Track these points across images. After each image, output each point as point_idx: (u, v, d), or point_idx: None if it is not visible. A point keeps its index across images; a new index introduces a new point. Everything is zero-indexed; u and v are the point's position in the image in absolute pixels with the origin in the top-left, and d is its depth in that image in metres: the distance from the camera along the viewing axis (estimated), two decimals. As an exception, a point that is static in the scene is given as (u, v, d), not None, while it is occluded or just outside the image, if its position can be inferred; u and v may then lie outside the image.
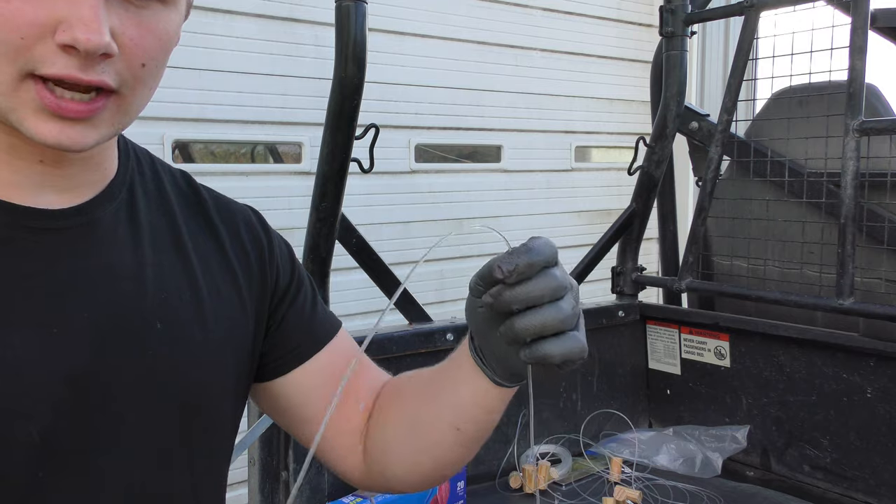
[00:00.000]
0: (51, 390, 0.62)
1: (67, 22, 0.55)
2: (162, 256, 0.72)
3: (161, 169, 0.79)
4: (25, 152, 0.62)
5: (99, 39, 0.55)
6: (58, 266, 0.64)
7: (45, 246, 0.64)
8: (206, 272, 0.75)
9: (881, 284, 1.60)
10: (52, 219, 0.64)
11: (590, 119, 3.62)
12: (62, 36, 0.55)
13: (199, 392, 0.73)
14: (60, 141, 0.58)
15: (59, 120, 0.58)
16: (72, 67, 0.56)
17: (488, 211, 3.27)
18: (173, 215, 0.75)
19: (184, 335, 0.71)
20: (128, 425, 0.67)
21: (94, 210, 0.68)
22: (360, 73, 1.44)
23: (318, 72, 2.60)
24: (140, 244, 0.70)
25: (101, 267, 0.67)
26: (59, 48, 0.55)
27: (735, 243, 1.90)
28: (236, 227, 0.80)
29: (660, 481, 1.66)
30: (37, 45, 0.55)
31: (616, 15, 3.65)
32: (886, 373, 1.54)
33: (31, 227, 0.63)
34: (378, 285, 1.67)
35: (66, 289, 0.64)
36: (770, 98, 1.89)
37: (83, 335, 0.64)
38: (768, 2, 1.68)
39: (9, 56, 0.55)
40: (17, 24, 0.54)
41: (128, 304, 0.68)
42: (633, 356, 2.00)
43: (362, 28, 1.42)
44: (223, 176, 2.50)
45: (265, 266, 0.82)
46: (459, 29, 3.10)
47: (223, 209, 0.81)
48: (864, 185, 1.54)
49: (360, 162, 1.53)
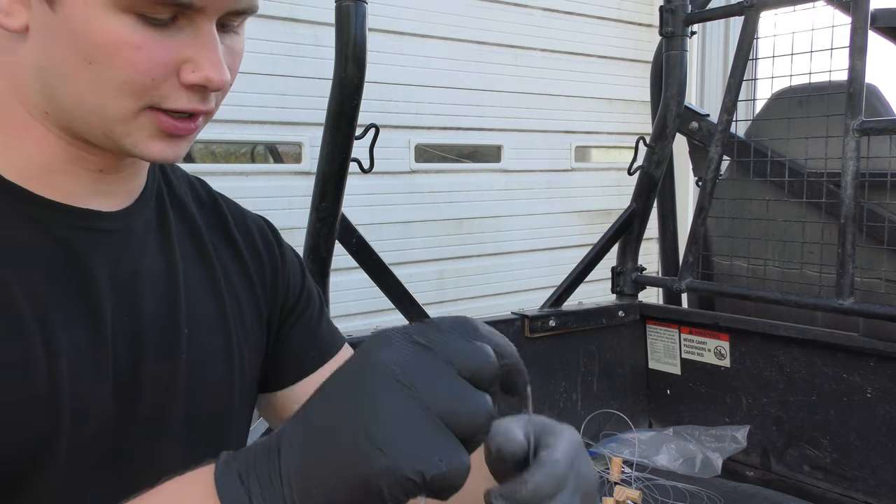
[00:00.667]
0: (103, 392, 0.65)
1: (195, 62, 0.60)
2: (188, 264, 0.74)
3: (181, 176, 0.81)
4: (89, 163, 0.66)
5: (225, 78, 0.61)
6: (108, 268, 0.67)
7: (98, 248, 0.67)
8: (227, 280, 0.78)
9: (881, 284, 1.60)
10: (105, 220, 0.68)
11: (590, 119, 3.62)
12: (192, 77, 0.60)
13: (221, 397, 0.75)
14: (167, 156, 0.64)
15: (168, 139, 0.63)
16: (194, 101, 0.62)
17: (488, 211, 3.28)
18: (195, 223, 0.78)
19: (209, 341, 0.74)
20: (160, 429, 0.69)
21: (131, 216, 0.70)
22: (360, 73, 1.44)
23: (318, 72, 2.60)
24: (170, 251, 0.73)
25: (137, 272, 0.69)
26: (184, 86, 0.60)
27: (735, 243, 1.90)
28: (252, 237, 0.83)
29: (660, 481, 1.66)
30: (163, 84, 0.60)
31: (616, 15, 3.66)
32: (886, 373, 1.54)
33: (85, 227, 0.66)
34: (378, 285, 1.66)
35: (112, 291, 0.67)
36: (770, 98, 1.89)
37: (125, 338, 0.67)
38: (768, 2, 1.68)
39: (136, 94, 0.60)
40: (149, 68, 0.59)
41: (161, 310, 0.70)
42: (633, 356, 2.00)
43: (362, 28, 1.42)
44: (223, 176, 2.50)
45: (278, 277, 0.84)
46: (459, 29, 3.10)
47: (240, 219, 0.83)
48: (864, 185, 1.54)
49: (360, 162, 1.53)
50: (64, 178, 0.65)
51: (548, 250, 3.49)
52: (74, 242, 0.65)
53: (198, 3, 0.58)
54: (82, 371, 0.63)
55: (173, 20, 0.59)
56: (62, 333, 0.62)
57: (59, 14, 0.58)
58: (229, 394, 0.76)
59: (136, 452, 0.67)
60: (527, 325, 1.79)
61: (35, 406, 0.60)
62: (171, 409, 0.70)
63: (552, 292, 1.93)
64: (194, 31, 0.60)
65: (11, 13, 0.59)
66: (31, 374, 0.60)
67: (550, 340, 1.83)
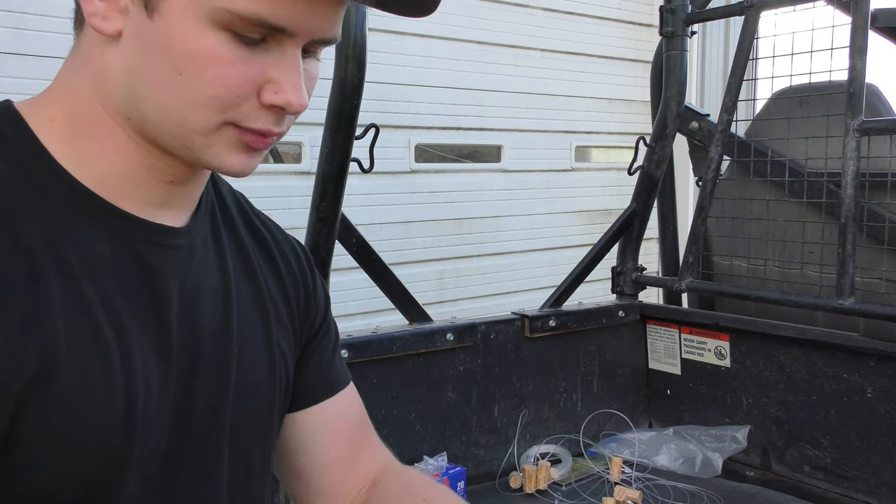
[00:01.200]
0: (165, 409, 0.66)
1: (278, 84, 0.61)
2: (238, 281, 0.75)
3: (227, 192, 0.82)
4: (161, 173, 0.66)
5: (304, 102, 0.63)
6: (176, 286, 0.68)
7: (169, 263, 0.68)
8: (271, 299, 0.79)
9: (881, 284, 1.60)
10: (173, 236, 0.68)
11: (590, 119, 3.62)
12: (274, 98, 0.61)
13: (263, 414, 0.76)
14: (243, 168, 0.65)
15: (247, 152, 0.64)
16: (270, 123, 0.63)
17: (488, 211, 3.27)
18: (242, 240, 0.79)
19: (256, 360, 0.75)
20: (205, 447, 0.70)
21: (193, 232, 0.71)
22: (360, 73, 1.44)
23: (319, 72, 2.60)
24: (225, 269, 0.74)
25: (199, 289, 0.70)
26: (264, 106, 0.61)
27: (735, 243, 1.90)
28: (290, 259, 0.84)
29: (660, 481, 1.66)
30: (245, 102, 0.61)
31: (616, 15, 3.65)
32: (887, 373, 1.54)
33: (158, 243, 0.67)
34: (378, 285, 1.67)
35: (178, 308, 0.68)
36: (770, 98, 1.89)
37: (186, 356, 0.68)
38: (768, 2, 1.68)
39: (221, 109, 0.60)
40: (237, 84, 0.60)
41: (217, 328, 0.71)
42: (634, 356, 2.00)
43: (362, 28, 1.42)
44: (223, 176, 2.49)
45: (310, 301, 0.85)
46: (459, 29, 3.10)
47: (280, 239, 0.84)
48: (865, 185, 1.54)
49: (360, 162, 1.53)
50: (135, 189, 0.65)
51: (548, 250, 3.49)
52: (148, 257, 0.66)
53: (290, 29, 0.59)
54: (152, 389, 0.64)
55: (263, 41, 0.60)
56: (137, 351, 0.63)
57: (156, 23, 0.59)
58: (269, 410, 0.77)
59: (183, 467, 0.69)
60: (527, 325, 1.79)
61: (114, 422, 0.61)
62: (219, 426, 0.71)
63: (552, 292, 1.93)
64: (281, 54, 0.61)
65: (108, 17, 0.60)
66: (112, 390, 0.61)
67: (550, 340, 1.83)
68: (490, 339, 1.74)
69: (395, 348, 1.58)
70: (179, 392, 0.67)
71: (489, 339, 1.74)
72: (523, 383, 1.79)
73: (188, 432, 0.68)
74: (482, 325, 1.73)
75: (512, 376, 1.77)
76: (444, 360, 1.67)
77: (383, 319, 2.43)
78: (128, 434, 0.61)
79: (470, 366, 1.70)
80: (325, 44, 0.65)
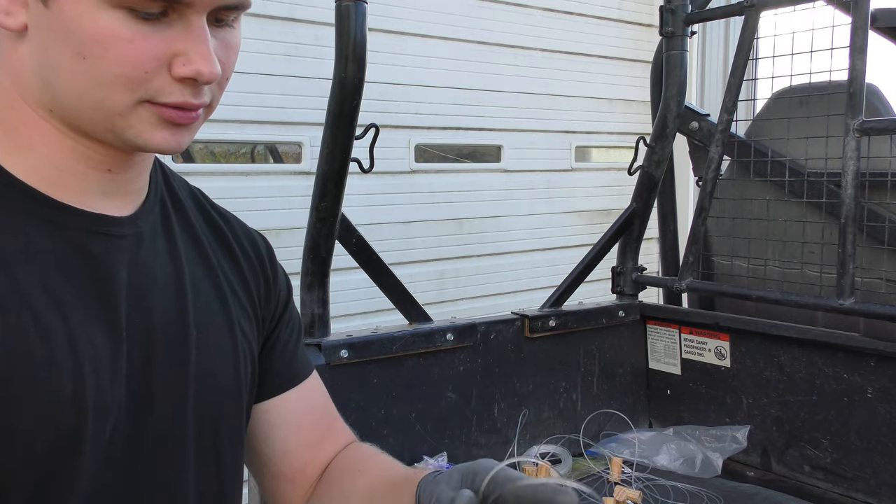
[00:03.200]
0: (118, 392, 0.66)
1: (186, 56, 0.61)
2: (194, 267, 0.76)
3: (181, 185, 0.82)
4: (97, 162, 0.66)
5: (215, 70, 0.62)
6: (121, 272, 0.68)
7: (112, 251, 0.68)
8: (229, 286, 0.79)
9: (881, 284, 1.60)
10: (117, 226, 0.69)
11: (590, 119, 3.61)
12: (184, 70, 0.61)
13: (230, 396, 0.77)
14: (170, 145, 0.65)
15: (172, 128, 0.64)
16: (187, 95, 0.63)
17: (488, 211, 3.27)
18: (195, 229, 0.79)
19: (216, 344, 0.75)
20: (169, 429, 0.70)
21: (140, 221, 0.71)
22: (360, 73, 1.44)
23: (318, 72, 2.60)
24: (177, 256, 0.74)
25: (148, 276, 0.71)
26: (175, 79, 0.61)
27: (735, 243, 1.90)
28: (248, 249, 0.84)
29: (660, 481, 1.66)
30: (155, 77, 0.61)
31: (616, 15, 3.65)
32: (887, 373, 1.54)
33: (100, 232, 0.67)
34: (378, 285, 1.66)
35: (127, 294, 0.68)
36: (770, 98, 1.89)
37: (138, 340, 0.68)
38: (768, 2, 1.68)
39: (131, 88, 0.60)
40: (141, 61, 0.60)
41: (171, 313, 0.72)
42: (633, 356, 2.00)
43: (362, 28, 1.42)
44: (223, 176, 2.49)
45: (270, 290, 0.86)
46: (459, 29, 3.10)
47: (238, 230, 0.85)
48: (865, 185, 1.54)
49: (360, 162, 1.53)
50: (74, 179, 0.66)
51: (548, 250, 3.49)
52: (90, 247, 0.66)
53: None
54: (102, 369, 0.64)
55: (164, 15, 0.60)
56: (82, 334, 0.63)
57: (52, 11, 0.59)
58: (237, 393, 0.77)
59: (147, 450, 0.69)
60: (527, 325, 1.79)
61: (62, 403, 0.61)
62: (181, 408, 0.71)
63: (552, 292, 1.93)
64: (184, 26, 0.61)
65: (11, 13, 0.60)
66: (58, 373, 0.61)
67: (550, 340, 1.83)
68: (490, 339, 1.74)
69: (395, 348, 1.58)
70: (135, 374, 0.67)
71: (489, 339, 1.74)
72: (523, 383, 1.79)
73: (149, 414, 0.68)
74: (482, 325, 1.73)
75: (512, 376, 1.77)
76: (444, 360, 1.67)
77: (383, 319, 2.43)
78: (80, 414, 0.62)
79: (470, 366, 1.70)
80: (234, 10, 0.64)
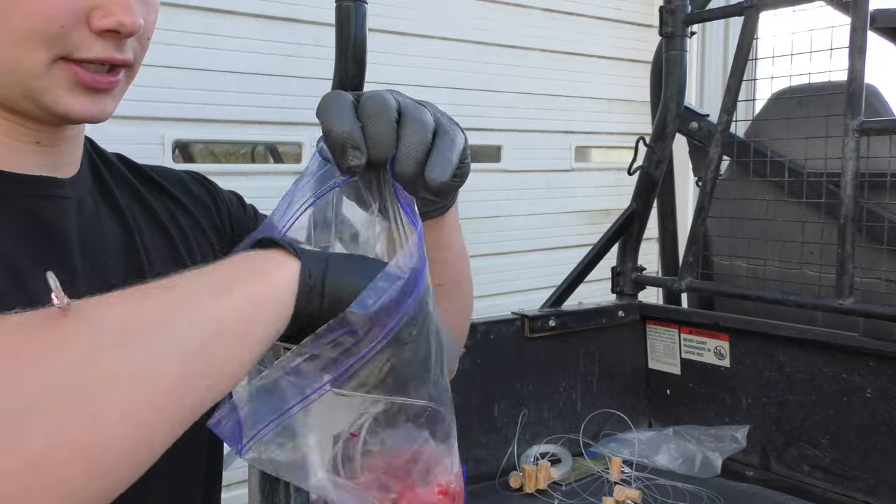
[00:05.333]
0: None
1: (105, 8, 0.59)
2: (141, 226, 0.75)
3: (111, 156, 0.81)
4: (24, 134, 0.65)
5: (138, 21, 0.60)
6: (73, 234, 0.67)
7: (59, 214, 0.67)
8: (181, 235, 0.78)
9: (881, 284, 1.61)
10: (59, 187, 0.67)
11: (590, 119, 3.62)
12: (104, 21, 0.59)
13: None
14: (93, 113, 0.63)
15: (91, 94, 0.61)
16: (109, 49, 0.60)
17: (488, 211, 3.27)
18: (136, 188, 0.78)
19: None
20: None
21: (78, 187, 0.70)
22: (360, 73, 1.44)
23: (318, 72, 2.60)
24: (121, 214, 0.73)
25: (98, 236, 0.70)
26: (95, 33, 0.59)
27: (735, 243, 1.90)
28: (185, 184, 0.83)
29: (660, 481, 1.66)
30: (72, 31, 0.58)
31: (616, 15, 3.65)
32: (886, 373, 1.54)
33: (45, 195, 0.66)
34: (378, 285, 1.66)
35: (82, 256, 0.67)
36: (770, 98, 1.89)
37: None
38: (768, 2, 1.68)
39: (46, 44, 0.58)
40: (56, 13, 0.57)
41: (127, 274, 0.70)
42: (633, 356, 2.00)
43: (362, 28, 1.42)
44: (223, 176, 2.49)
45: (221, 212, 0.85)
46: (459, 29, 3.10)
47: (169, 175, 0.83)
48: (864, 185, 1.54)
49: (360, 162, 1.53)
50: (4, 151, 0.64)
51: (548, 250, 3.49)
52: (37, 211, 0.65)
53: None
54: None
55: None
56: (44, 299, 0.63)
57: None
58: None
59: None
60: (527, 325, 1.79)
61: None
62: None
63: (552, 292, 1.93)
64: None
65: None
66: None
67: (550, 340, 1.83)
68: (490, 339, 1.74)
69: (395, 348, 1.58)
70: None
71: (489, 339, 1.74)
72: (523, 383, 1.79)
73: None
74: (482, 325, 1.73)
75: (512, 376, 1.77)
76: (444, 359, 1.67)
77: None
78: None
79: (470, 366, 1.70)
80: None
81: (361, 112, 0.58)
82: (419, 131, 0.58)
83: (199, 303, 0.49)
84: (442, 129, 0.61)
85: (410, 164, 0.58)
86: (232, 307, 0.50)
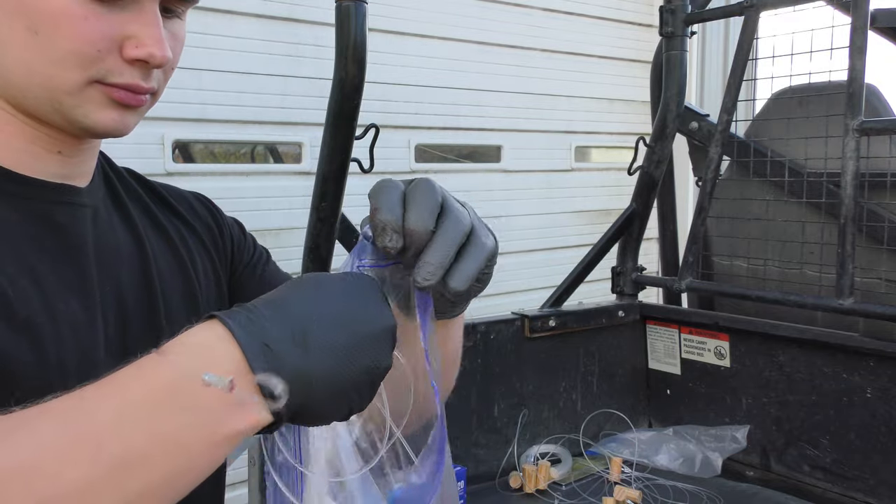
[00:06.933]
0: (96, 356, 0.67)
1: (138, 39, 0.62)
2: (150, 239, 0.78)
3: (121, 169, 0.84)
4: (48, 143, 0.67)
5: (167, 54, 0.64)
6: (89, 241, 0.70)
7: (77, 221, 0.69)
8: (187, 252, 0.81)
9: (881, 284, 1.60)
10: (77, 195, 0.70)
11: (590, 119, 3.61)
12: (136, 52, 0.62)
13: None
14: (118, 127, 0.66)
15: (120, 109, 0.65)
16: (136, 77, 0.64)
17: (488, 211, 3.27)
18: (145, 201, 0.81)
19: (180, 316, 0.76)
20: None
21: (93, 196, 0.73)
22: (360, 73, 1.44)
23: (318, 72, 2.60)
24: (134, 225, 0.77)
25: (113, 247, 0.73)
26: (126, 61, 0.62)
27: (735, 243, 1.90)
28: (193, 206, 0.87)
29: (660, 481, 1.66)
30: (107, 57, 0.62)
31: (616, 15, 3.65)
32: (886, 373, 1.54)
33: (63, 202, 0.69)
34: (378, 285, 1.66)
35: (97, 263, 0.70)
36: (770, 98, 1.89)
37: (112, 307, 0.70)
38: (768, 2, 1.68)
39: (82, 65, 0.61)
40: (95, 39, 0.61)
41: (138, 281, 0.73)
42: (633, 356, 2.00)
43: (362, 28, 1.42)
44: (223, 176, 2.49)
45: (223, 234, 0.88)
46: (459, 29, 3.10)
47: (177, 195, 0.87)
48: (864, 185, 1.54)
49: (360, 162, 1.53)
50: (27, 157, 0.67)
51: (547, 250, 3.49)
52: (57, 217, 0.68)
53: None
54: (81, 332, 0.66)
55: None
56: (59, 301, 0.65)
57: None
58: None
59: None
60: (527, 325, 1.79)
61: (48, 369, 0.62)
62: None
63: (552, 292, 1.93)
64: (138, 10, 0.62)
65: None
66: (39, 338, 0.62)
67: (550, 340, 1.83)
68: (490, 339, 1.74)
69: (395, 348, 1.58)
70: (112, 339, 0.69)
71: (489, 339, 1.74)
72: (523, 383, 1.79)
73: None
74: (482, 325, 1.73)
75: (512, 376, 1.77)
76: (444, 359, 1.67)
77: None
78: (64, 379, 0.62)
79: (470, 366, 1.70)
80: (185, 2, 0.66)
81: (407, 199, 0.61)
82: (455, 230, 0.61)
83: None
84: (475, 233, 0.63)
85: (435, 271, 0.60)
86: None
